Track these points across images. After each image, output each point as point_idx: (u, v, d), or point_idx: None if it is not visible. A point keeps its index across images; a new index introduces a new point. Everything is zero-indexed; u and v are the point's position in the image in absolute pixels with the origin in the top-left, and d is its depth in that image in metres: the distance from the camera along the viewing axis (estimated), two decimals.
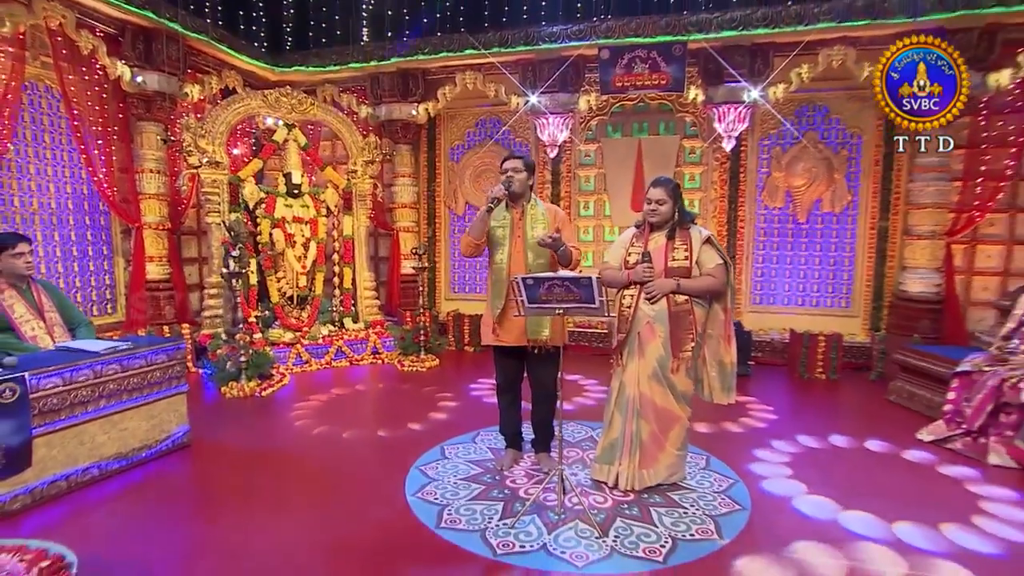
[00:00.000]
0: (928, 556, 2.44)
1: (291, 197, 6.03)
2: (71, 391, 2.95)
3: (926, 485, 3.19)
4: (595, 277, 2.54)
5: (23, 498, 2.74)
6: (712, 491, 3.04)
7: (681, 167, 6.58)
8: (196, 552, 2.47)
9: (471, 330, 6.60)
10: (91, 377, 3.04)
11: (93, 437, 3.06)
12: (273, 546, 2.49)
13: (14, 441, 2.67)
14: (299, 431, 3.98)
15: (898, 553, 2.46)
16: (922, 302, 5.63)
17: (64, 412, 2.92)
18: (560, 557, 2.42)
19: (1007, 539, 2.60)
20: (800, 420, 4.26)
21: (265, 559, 2.39)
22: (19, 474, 2.70)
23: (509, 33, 6.25)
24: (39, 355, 3.08)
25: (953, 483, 3.21)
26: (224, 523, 2.71)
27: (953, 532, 2.63)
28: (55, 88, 5.31)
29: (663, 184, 3.03)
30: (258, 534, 2.59)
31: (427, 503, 2.90)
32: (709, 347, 3.02)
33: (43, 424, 2.82)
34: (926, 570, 2.34)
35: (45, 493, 2.83)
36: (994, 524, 2.72)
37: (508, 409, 3.39)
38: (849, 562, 2.38)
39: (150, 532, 2.62)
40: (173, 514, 2.82)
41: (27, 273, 3.39)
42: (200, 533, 2.65)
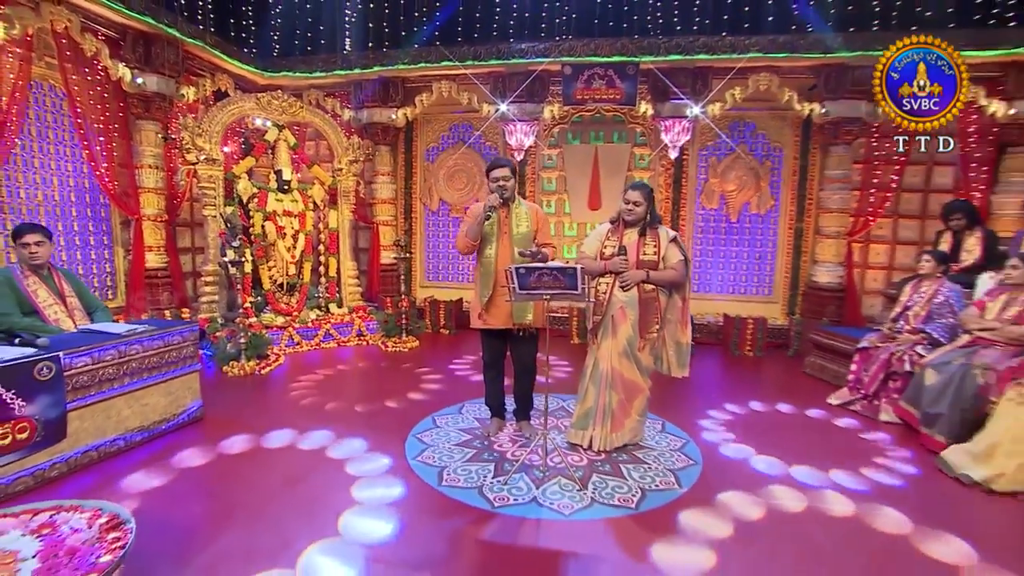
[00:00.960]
0: (834, 491, 2.75)
1: (281, 192, 5.93)
2: (99, 369, 2.91)
3: (834, 438, 3.55)
4: (580, 267, 2.71)
5: (60, 466, 2.71)
6: (669, 449, 3.29)
7: (632, 172, 6.83)
8: (222, 512, 2.51)
9: (446, 314, 6.69)
10: (116, 357, 3.01)
11: (119, 411, 3.03)
12: (288, 510, 2.57)
13: (52, 414, 2.64)
14: (302, 404, 4.01)
15: (811, 491, 2.76)
16: (829, 290, 6.10)
17: (93, 388, 2.89)
18: (549, 507, 2.60)
19: (887, 481, 2.95)
20: (735, 390, 4.58)
21: (280, 524, 2.47)
22: (56, 444, 2.67)
23: (482, 48, 6.30)
24: (66, 336, 3.02)
25: (854, 436, 3.58)
26: (242, 485, 2.76)
27: (853, 474, 2.96)
28: (59, 87, 5.07)
29: (640, 188, 3.19)
30: (273, 500, 2.66)
31: (427, 466, 3.02)
32: (668, 330, 3.23)
33: (75, 399, 2.78)
34: (830, 502, 2.65)
35: (78, 462, 2.81)
36: (885, 464, 3.08)
37: (493, 383, 3.53)
38: (802, 499, 2.67)
39: (177, 494, 2.65)
40: (195, 477, 2.84)
41: (33, 263, 3.26)
42: (221, 495, 2.68)
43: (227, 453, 3.12)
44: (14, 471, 2.53)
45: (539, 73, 6.23)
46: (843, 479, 2.92)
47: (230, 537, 2.28)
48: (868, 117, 5.73)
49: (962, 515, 2.61)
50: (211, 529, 2.33)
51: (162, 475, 2.83)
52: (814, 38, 5.65)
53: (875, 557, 2.27)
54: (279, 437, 3.33)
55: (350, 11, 6.92)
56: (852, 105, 5.70)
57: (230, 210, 5.48)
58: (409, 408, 3.97)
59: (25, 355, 2.54)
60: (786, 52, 5.67)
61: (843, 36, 5.56)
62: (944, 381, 3.33)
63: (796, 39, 5.67)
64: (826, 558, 2.25)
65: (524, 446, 3.28)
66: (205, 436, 3.35)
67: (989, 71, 5.39)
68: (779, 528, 2.46)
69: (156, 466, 2.93)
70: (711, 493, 2.74)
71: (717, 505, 2.63)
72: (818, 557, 2.25)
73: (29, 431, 2.56)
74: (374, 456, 3.12)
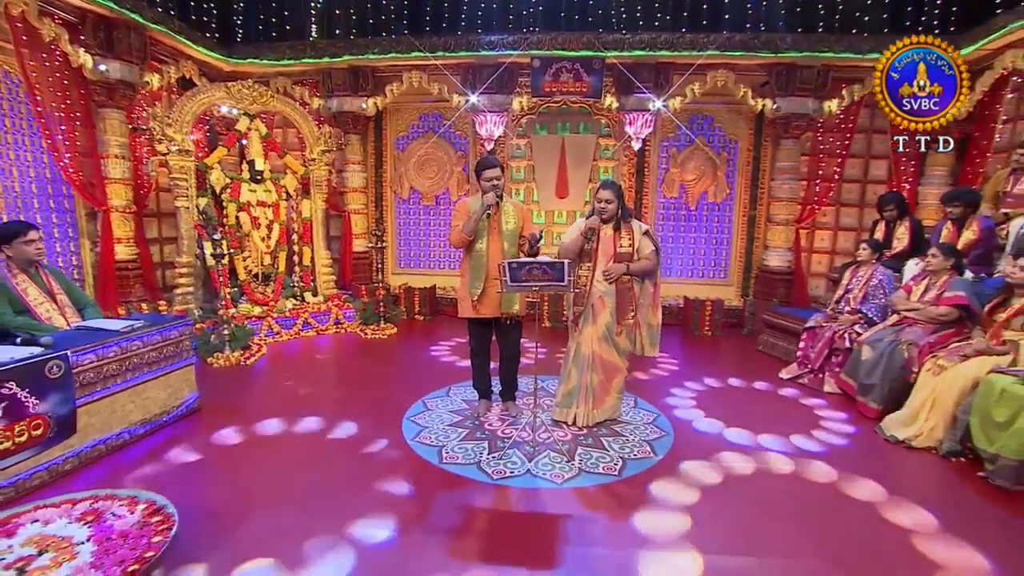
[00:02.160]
0: (784, 453, 3.17)
1: (254, 183, 5.93)
2: (103, 366, 2.99)
3: (784, 408, 3.99)
4: (567, 262, 2.98)
5: (72, 460, 2.81)
6: (643, 423, 3.63)
7: (597, 161, 7.13)
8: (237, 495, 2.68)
9: (420, 300, 6.86)
10: (119, 353, 3.08)
11: (123, 406, 3.12)
12: (296, 490, 2.77)
13: (62, 411, 2.71)
14: (292, 392, 4.16)
15: (766, 453, 3.17)
16: (779, 273, 6.62)
17: (99, 385, 2.97)
18: (542, 478, 2.89)
19: (831, 443, 3.40)
20: (696, 367, 5.00)
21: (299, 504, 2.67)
22: (67, 439, 2.76)
23: (452, 39, 6.40)
24: (67, 334, 3.07)
25: (801, 406, 4.03)
26: (247, 471, 2.93)
27: (800, 437, 3.39)
28: (13, 73, 4.88)
29: (610, 187, 3.45)
30: (279, 482, 2.85)
31: (426, 445, 3.26)
32: (641, 313, 3.53)
33: (83, 396, 2.86)
34: (780, 462, 3.06)
35: (88, 455, 2.90)
36: (828, 428, 3.53)
37: (480, 368, 3.77)
38: (753, 463, 3.06)
39: (189, 480, 2.80)
40: (204, 465, 2.99)
41: (37, 259, 3.30)
42: (230, 481, 2.85)
43: (228, 442, 3.25)
44: (30, 466, 2.62)
45: (508, 65, 6.39)
46: (794, 442, 3.34)
47: (254, 518, 2.46)
48: (815, 114, 6.20)
49: (886, 466, 3.07)
50: (233, 512, 2.50)
51: (173, 463, 2.96)
52: (767, 37, 6.03)
53: (819, 504, 2.67)
54: (275, 425, 3.49)
55: None
56: (800, 102, 6.15)
57: (204, 202, 5.47)
58: (399, 392, 4.17)
59: (36, 355, 2.60)
60: (742, 51, 6.04)
61: (792, 37, 5.97)
62: (877, 356, 3.80)
63: (751, 38, 6.04)
64: (774, 506, 2.63)
65: (512, 424, 3.56)
66: (204, 426, 3.46)
67: None
68: (736, 485, 2.84)
69: (164, 456, 3.04)
70: (681, 460, 3.10)
71: (686, 470, 2.99)
72: (765, 504, 2.64)
73: (43, 428, 2.64)
74: (374, 438, 3.32)
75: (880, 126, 6.54)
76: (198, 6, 6.58)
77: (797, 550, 2.32)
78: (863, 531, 2.47)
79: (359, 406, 3.89)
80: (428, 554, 2.25)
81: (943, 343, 3.59)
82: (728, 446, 3.30)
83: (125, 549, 1.87)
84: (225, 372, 4.57)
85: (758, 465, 3.06)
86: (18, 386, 2.50)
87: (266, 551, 2.21)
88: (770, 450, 3.24)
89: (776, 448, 3.27)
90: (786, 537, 2.41)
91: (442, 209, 7.42)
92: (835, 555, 2.28)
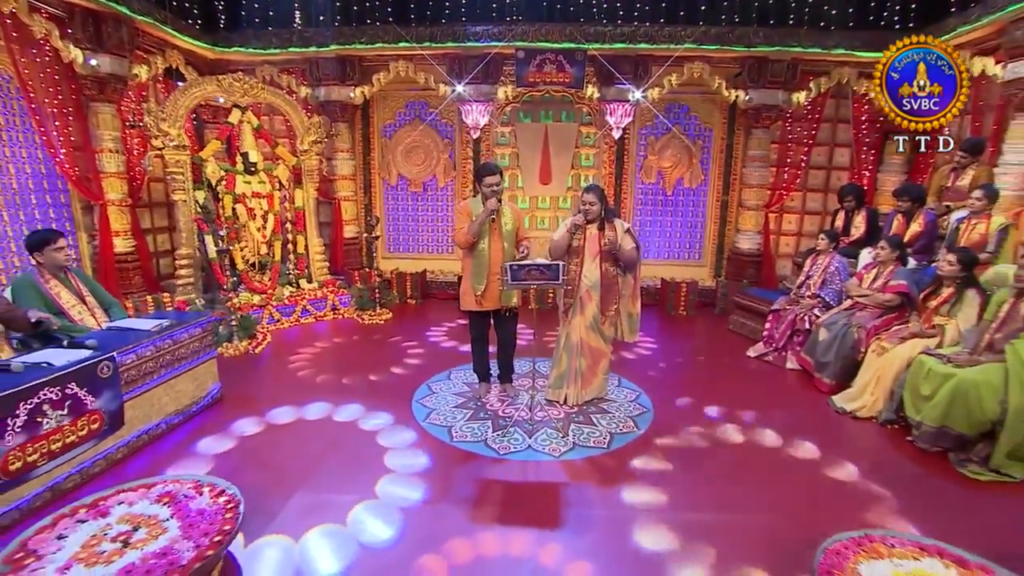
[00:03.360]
0: (746, 427, 3.70)
1: (248, 174, 6.13)
2: (142, 364, 3.31)
3: (749, 384, 4.53)
4: (561, 264, 3.39)
5: (123, 449, 3.16)
6: (627, 401, 4.13)
7: (579, 149, 7.48)
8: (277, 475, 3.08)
9: (412, 284, 7.21)
10: (154, 352, 3.41)
11: (159, 399, 3.46)
12: (328, 469, 3.18)
13: (112, 406, 3.06)
14: (304, 378, 4.53)
15: (734, 425, 3.70)
16: (749, 255, 7.15)
17: (139, 381, 3.30)
18: (542, 452, 3.36)
19: (788, 415, 3.94)
20: (672, 346, 5.52)
21: (334, 475, 3.09)
22: (118, 431, 3.11)
23: (438, 29, 6.60)
24: (103, 335, 3.36)
25: (765, 382, 4.58)
26: (278, 453, 3.32)
27: (761, 412, 3.93)
28: (3, 70, 4.96)
29: (593, 190, 3.83)
30: (312, 463, 3.26)
31: (436, 426, 3.69)
32: (622, 304, 3.98)
33: (127, 391, 3.19)
34: (738, 435, 3.59)
35: (135, 444, 3.25)
36: (787, 401, 4.09)
37: (480, 354, 4.18)
38: (717, 432, 3.58)
39: (230, 463, 3.18)
40: (240, 449, 3.37)
41: (66, 264, 3.56)
42: (266, 463, 3.24)
43: (254, 429, 3.63)
44: (91, 456, 2.96)
45: (493, 56, 6.63)
46: (756, 415, 3.87)
47: (298, 494, 2.86)
48: (784, 105, 6.63)
49: (833, 434, 3.64)
50: (277, 490, 2.89)
51: (211, 449, 3.34)
52: (741, 32, 6.40)
53: (773, 467, 3.20)
54: (296, 411, 3.87)
55: None
56: (771, 94, 6.56)
57: (202, 196, 5.68)
58: (403, 377, 4.58)
59: (89, 357, 2.92)
60: (717, 44, 6.40)
61: (764, 32, 6.35)
62: (831, 337, 4.35)
63: (726, 32, 6.40)
64: (737, 470, 3.16)
65: (511, 404, 4.01)
66: (229, 413, 3.82)
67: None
68: (705, 454, 3.36)
69: (199, 442, 3.41)
70: (659, 433, 3.60)
71: (664, 442, 3.49)
72: (730, 469, 3.16)
73: (99, 422, 2.98)
74: (390, 421, 3.73)
75: (844, 116, 7.03)
76: None
77: (760, 506, 2.84)
78: (806, 487, 3.01)
79: (368, 390, 4.29)
80: (452, 518, 2.70)
81: (887, 326, 4.14)
82: (699, 420, 3.82)
83: (205, 524, 2.26)
84: (236, 361, 4.89)
85: (725, 436, 3.59)
86: (78, 386, 2.84)
87: (321, 519, 2.63)
88: (735, 423, 3.77)
89: (741, 421, 3.80)
90: (749, 496, 2.93)
91: (430, 195, 7.71)
92: (790, 509, 2.80)
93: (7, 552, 2.04)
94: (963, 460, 3.20)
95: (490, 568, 2.37)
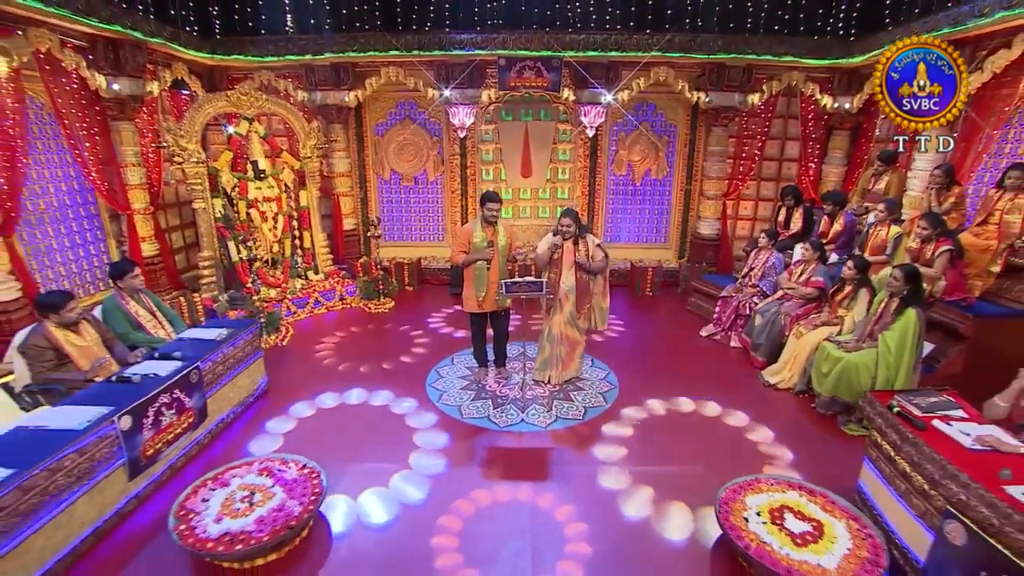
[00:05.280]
0: (690, 399, 4.82)
1: (258, 180, 6.89)
2: (215, 368, 4.25)
3: (699, 361, 5.65)
4: (545, 280, 4.38)
5: (208, 436, 4.14)
6: (597, 379, 5.21)
7: (556, 144, 8.33)
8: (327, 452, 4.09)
9: (409, 272, 8.13)
10: (222, 358, 4.33)
11: (227, 394, 4.41)
12: (370, 444, 4.21)
13: (200, 403, 4.02)
14: (329, 367, 5.50)
15: (685, 397, 4.82)
16: (709, 240, 8.21)
17: (214, 382, 4.24)
18: (532, 424, 4.43)
19: (726, 387, 5.07)
20: (636, 328, 6.61)
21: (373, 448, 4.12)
22: (203, 423, 4.07)
23: (426, 38, 7.29)
24: (180, 345, 4.27)
25: (712, 359, 5.71)
26: (325, 433, 4.33)
27: (705, 386, 5.05)
28: (36, 98, 5.60)
29: (570, 214, 4.76)
30: (353, 440, 4.28)
31: (448, 406, 4.73)
32: (595, 300, 4.99)
33: (208, 391, 4.14)
34: (683, 405, 4.71)
35: (215, 431, 4.23)
36: (728, 376, 5.21)
37: (480, 345, 5.20)
38: (668, 404, 4.70)
39: (297, 440, 4.18)
40: (294, 431, 4.37)
41: (141, 288, 4.42)
42: (316, 441, 4.25)
43: (302, 414, 4.62)
44: (189, 442, 3.93)
45: (477, 63, 7.37)
46: (700, 388, 4.99)
47: (348, 465, 3.88)
48: (740, 105, 7.54)
49: (757, 402, 4.78)
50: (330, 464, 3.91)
51: (276, 429, 4.33)
52: (702, 39, 7.23)
53: (707, 430, 4.33)
54: (336, 396, 4.87)
55: None
56: (728, 96, 7.46)
57: (219, 204, 6.46)
58: (414, 364, 5.58)
59: (183, 367, 3.85)
60: (680, 52, 7.23)
61: (723, 40, 7.19)
62: (765, 322, 5.46)
63: (688, 40, 7.21)
64: (679, 434, 4.28)
65: (506, 385, 5.06)
66: (278, 401, 4.79)
67: (821, 73, 7.33)
68: (656, 421, 4.47)
69: (263, 426, 4.40)
70: (622, 405, 4.70)
71: (625, 413, 4.60)
72: (673, 432, 4.28)
73: (193, 416, 3.95)
74: (411, 403, 4.75)
75: (795, 112, 7.99)
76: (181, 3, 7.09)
77: (693, 460, 3.96)
78: (730, 445, 4.16)
79: (389, 376, 5.30)
80: (470, 475, 3.78)
81: (806, 315, 5.25)
82: (655, 394, 4.93)
83: (301, 488, 3.27)
84: (269, 354, 5.80)
85: (673, 407, 4.71)
86: (180, 391, 3.79)
87: (371, 484, 3.67)
88: (683, 396, 4.89)
89: (687, 394, 4.92)
90: (685, 453, 4.06)
91: (421, 188, 8.54)
92: (714, 462, 3.93)
93: (173, 510, 3.04)
94: (846, 421, 4.38)
95: (503, 510, 3.45)
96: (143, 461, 3.45)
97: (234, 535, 2.89)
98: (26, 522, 2.65)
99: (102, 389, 3.52)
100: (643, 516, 3.39)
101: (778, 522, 2.96)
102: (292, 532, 2.99)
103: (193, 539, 2.88)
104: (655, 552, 3.12)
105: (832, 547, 2.79)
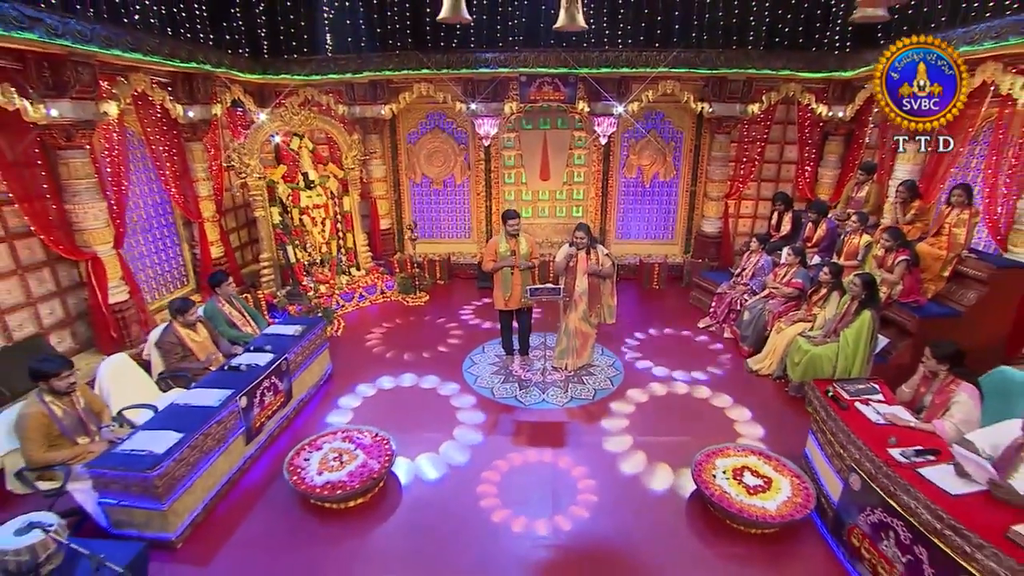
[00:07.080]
0: (685, 383, 5.82)
1: (308, 189, 7.95)
2: (296, 358, 5.35)
3: (695, 349, 6.65)
4: (562, 285, 5.40)
5: (292, 412, 5.26)
6: (606, 365, 6.25)
7: (572, 150, 9.24)
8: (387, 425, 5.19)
9: (440, 268, 9.20)
10: (301, 350, 5.44)
11: (303, 379, 5.53)
12: (425, 419, 5.31)
13: (287, 386, 5.14)
14: (379, 355, 6.60)
15: (680, 381, 5.83)
16: (712, 237, 9.12)
17: (295, 369, 5.35)
18: (552, 403, 5.50)
19: (716, 373, 6.07)
20: (643, 319, 7.60)
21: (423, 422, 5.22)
22: (289, 402, 5.19)
23: (453, 56, 8.21)
24: (266, 340, 5.37)
25: (706, 348, 6.70)
26: (382, 411, 5.43)
27: (697, 372, 6.05)
28: (130, 128, 6.67)
29: (582, 228, 5.73)
30: (409, 417, 5.37)
31: (483, 388, 5.81)
32: (603, 300, 6.00)
33: (292, 376, 5.25)
34: (678, 388, 5.72)
35: (298, 408, 5.36)
36: (717, 365, 6.21)
37: (507, 337, 6.27)
38: (665, 387, 5.72)
39: (365, 414, 5.29)
40: (358, 410, 5.48)
41: (234, 293, 5.52)
42: (374, 418, 5.34)
43: (365, 394, 5.73)
44: (280, 417, 5.05)
45: (500, 79, 8.28)
46: (694, 375, 5.99)
47: (406, 437, 4.97)
48: (741, 115, 8.37)
49: (741, 386, 5.77)
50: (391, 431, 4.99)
51: (347, 405, 5.44)
52: (706, 55, 8.04)
53: (697, 409, 5.35)
54: (392, 379, 5.96)
55: (334, 15, 8.37)
56: (730, 107, 8.29)
57: (275, 212, 7.54)
58: (450, 352, 6.66)
59: (275, 358, 4.96)
60: (685, 67, 8.06)
61: (725, 55, 7.99)
62: (752, 317, 6.42)
63: (693, 56, 8.02)
64: (673, 412, 5.30)
65: (529, 371, 6.12)
66: (342, 385, 5.90)
67: (816, 84, 8.12)
68: (655, 402, 5.50)
69: (334, 405, 5.51)
70: (627, 388, 5.73)
71: (629, 395, 5.63)
72: (668, 411, 5.31)
73: (283, 397, 5.07)
74: (454, 387, 5.83)
75: (793, 118, 8.79)
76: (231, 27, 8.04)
77: (680, 433, 4.99)
78: (713, 421, 5.17)
79: (432, 363, 6.38)
80: (503, 443, 4.86)
81: (787, 312, 6.20)
82: (654, 378, 5.95)
83: (376, 451, 4.37)
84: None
85: (669, 389, 5.74)
86: (275, 377, 4.90)
87: (424, 450, 4.76)
88: (678, 380, 5.90)
89: (682, 379, 5.93)
90: (674, 427, 5.09)
91: (449, 191, 9.54)
92: (697, 434, 4.95)
93: (284, 465, 4.17)
94: (809, 402, 5.36)
95: (530, 468, 4.52)
96: (254, 431, 4.59)
97: (334, 483, 4.01)
98: (193, 470, 3.79)
99: (220, 376, 4.64)
100: (636, 472, 4.45)
101: (738, 478, 4.00)
102: (374, 482, 4.10)
103: (304, 486, 4.01)
104: (645, 499, 4.18)
105: (776, 496, 3.82)
